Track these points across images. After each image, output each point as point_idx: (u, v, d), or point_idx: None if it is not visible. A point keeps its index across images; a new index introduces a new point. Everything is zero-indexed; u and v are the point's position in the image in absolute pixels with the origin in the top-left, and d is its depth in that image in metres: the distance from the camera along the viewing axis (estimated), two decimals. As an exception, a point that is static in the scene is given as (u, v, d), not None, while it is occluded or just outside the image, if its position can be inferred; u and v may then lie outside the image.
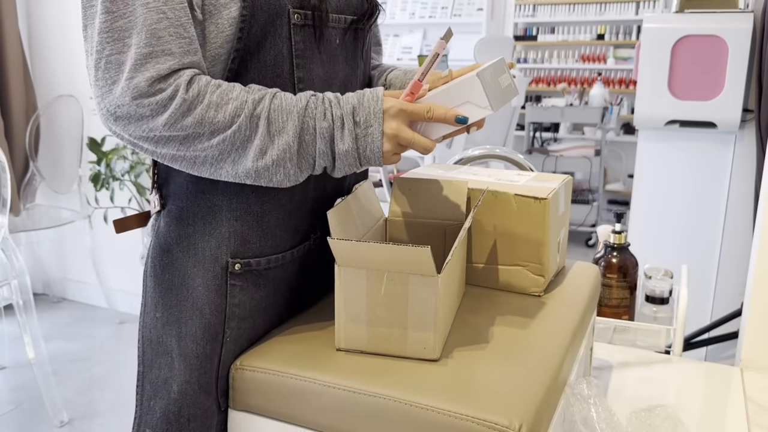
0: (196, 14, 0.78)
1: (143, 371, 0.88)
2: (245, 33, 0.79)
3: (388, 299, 0.79)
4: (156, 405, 0.87)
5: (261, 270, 0.88)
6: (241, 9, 0.78)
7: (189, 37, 0.76)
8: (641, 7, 5.08)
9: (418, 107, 0.80)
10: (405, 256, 0.76)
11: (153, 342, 0.87)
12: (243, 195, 0.85)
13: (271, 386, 0.81)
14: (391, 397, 0.74)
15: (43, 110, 3.07)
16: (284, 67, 0.83)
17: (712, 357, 2.24)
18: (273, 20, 0.81)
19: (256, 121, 0.76)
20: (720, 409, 1.18)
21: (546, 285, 1.01)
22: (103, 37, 0.73)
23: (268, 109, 0.77)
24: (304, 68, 0.85)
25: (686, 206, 2.26)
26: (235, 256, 0.86)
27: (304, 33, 0.84)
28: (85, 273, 3.30)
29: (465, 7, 5.34)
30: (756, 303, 1.34)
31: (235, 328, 0.86)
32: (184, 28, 0.75)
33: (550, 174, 1.11)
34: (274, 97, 0.78)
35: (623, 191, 4.98)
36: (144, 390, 0.88)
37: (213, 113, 0.75)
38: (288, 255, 0.91)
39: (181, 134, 0.75)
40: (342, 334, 0.83)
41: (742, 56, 2.07)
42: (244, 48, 0.80)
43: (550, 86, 5.44)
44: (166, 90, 0.73)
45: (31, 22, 3.17)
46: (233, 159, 0.77)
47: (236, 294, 0.86)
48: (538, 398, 0.74)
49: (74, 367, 2.66)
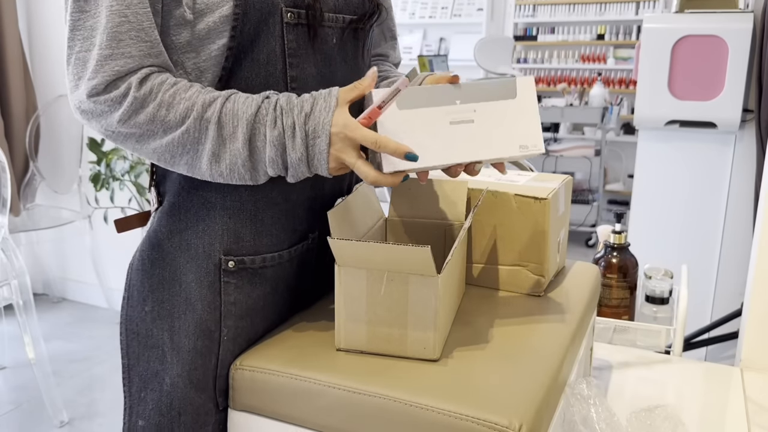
0: (185, 14, 0.79)
1: (129, 363, 0.89)
2: (238, 31, 0.80)
3: (388, 299, 0.79)
4: (147, 396, 0.87)
5: (256, 268, 0.88)
6: (233, 8, 0.79)
7: (150, 41, 0.77)
8: (641, 7, 5.08)
9: (366, 135, 0.76)
10: (405, 256, 0.76)
11: (140, 335, 0.87)
12: (236, 193, 0.85)
13: (271, 386, 0.81)
14: (391, 397, 0.74)
15: (43, 110, 3.07)
16: (277, 65, 0.83)
17: (712, 357, 2.24)
18: (266, 19, 0.81)
19: (206, 124, 0.77)
20: (720, 409, 1.18)
21: (546, 285, 1.01)
22: (74, 34, 0.76)
23: (218, 112, 0.77)
24: (298, 67, 0.85)
25: (686, 206, 2.26)
26: (228, 253, 0.86)
27: (297, 32, 0.84)
28: (85, 273, 3.29)
29: (465, 7, 5.34)
30: (756, 303, 1.34)
31: (232, 327, 0.86)
32: (145, 32, 0.77)
33: (550, 174, 1.11)
34: (227, 100, 0.78)
35: (623, 191, 4.98)
36: (132, 382, 0.89)
37: (164, 112, 0.76)
38: (285, 254, 0.90)
39: (136, 131, 0.77)
40: (342, 334, 0.83)
41: (742, 56, 2.07)
42: (238, 46, 0.81)
43: (550, 86, 5.43)
44: (119, 87, 0.76)
45: (31, 22, 3.17)
46: (187, 161, 0.79)
47: (231, 292, 0.86)
48: (538, 398, 0.74)
49: (74, 367, 2.66)
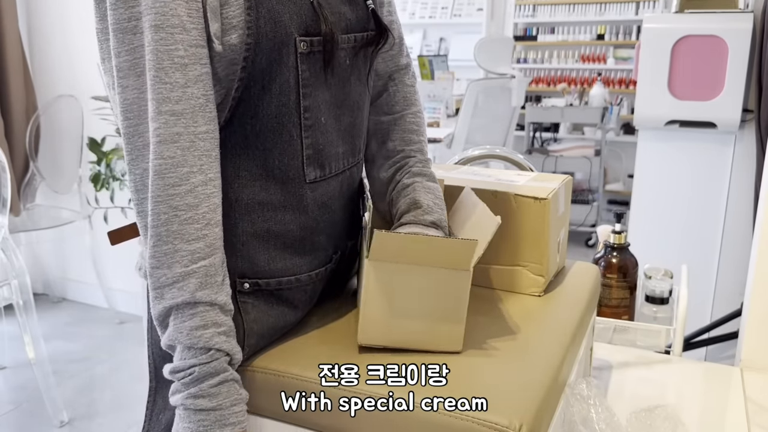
0: (214, 46, 0.75)
1: (156, 386, 0.86)
2: (249, 62, 0.76)
3: (418, 293, 0.80)
4: (164, 418, 0.85)
5: (272, 290, 0.85)
6: (245, 37, 0.75)
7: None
8: (641, 7, 5.08)
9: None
10: (453, 249, 0.78)
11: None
12: (248, 219, 0.82)
13: (271, 386, 0.81)
14: (391, 397, 0.74)
15: (43, 110, 3.07)
16: (290, 96, 0.80)
17: (712, 357, 2.23)
18: (279, 49, 0.77)
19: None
20: (720, 409, 1.18)
21: (546, 285, 1.01)
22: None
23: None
24: (311, 96, 0.82)
25: (686, 206, 2.26)
26: (244, 276, 0.83)
27: (310, 61, 0.81)
28: (85, 273, 3.29)
29: (465, 7, 5.34)
30: (756, 303, 1.34)
31: (254, 345, 0.84)
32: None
33: (550, 174, 1.11)
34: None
35: (623, 191, 4.97)
36: (155, 404, 0.87)
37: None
38: (304, 278, 0.88)
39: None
40: (368, 330, 0.81)
41: (742, 56, 2.07)
42: (249, 77, 0.77)
43: (550, 86, 5.43)
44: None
45: (31, 22, 3.17)
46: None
47: (250, 310, 0.84)
48: (538, 398, 0.74)
49: (74, 367, 2.66)
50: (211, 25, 0.74)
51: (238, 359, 0.76)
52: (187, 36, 0.72)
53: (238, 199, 0.81)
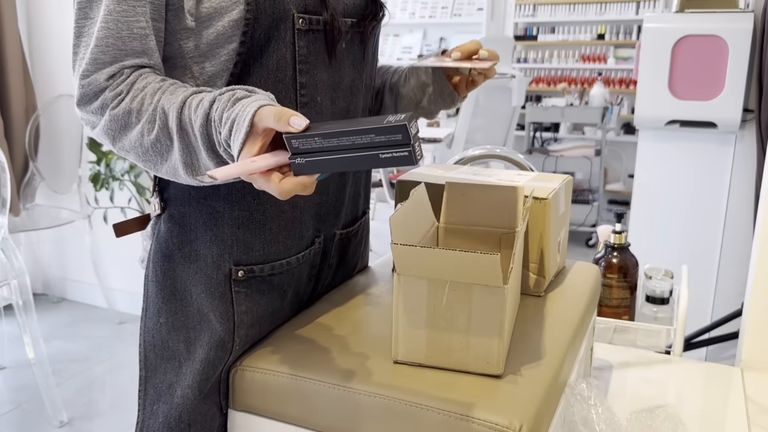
0: (187, 21, 0.77)
1: (146, 375, 0.88)
2: (248, 36, 0.78)
3: (449, 310, 0.76)
4: (159, 410, 0.86)
5: (265, 276, 0.87)
6: (244, 12, 0.77)
7: (140, 41, 0.76)
8: (641, 7, 5.08)
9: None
10: (471, 263, 0.73)
11: (157, 347, 0.87)
12: (245, 202, 0.84)
13: (271, 386, 0.80)
14: (392, 397, 0.74)
15: (43, 110, 3.07)
16: (287, 72, 0.82)
17: (712, 357, 2.23)
18: (277, 25, 0.79)
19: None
20: (720, 410, 1.18)
21: (546, 285, 1.01)
22: (79, 41, 0.77)
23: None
24: (308, 74, 0.83)
25: (686, 206, 2.26)
26: (238, 263, 0.85)
27: (308, 38, 0.82)
28: (85, 273, 3.29)
29: (465, 7, 5.33)
30: (756, 303, 1.34)
31: (244, 336, 0.86)
32: (135, 36, 0.75)
33: (550, 174, 1.11)
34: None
35: (623, 191, 4.97)
36: (147, 394, 0.87)
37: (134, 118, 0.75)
38: (293, 260, 0.90)
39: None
40: (401, 347, 0.79)
41: (742, 56, 2.07)
42: (247, 52, 0.79)
43: (550, 86, 5.43)
44: (98, 98, 0.75)
45: (31, 22, 3.17)
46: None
47: (242, 301, 0.85)
48: (538, 398, 0.74)
49: (74, 367, 2.66)
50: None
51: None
52: None
53: (234, 182, 0.82)
